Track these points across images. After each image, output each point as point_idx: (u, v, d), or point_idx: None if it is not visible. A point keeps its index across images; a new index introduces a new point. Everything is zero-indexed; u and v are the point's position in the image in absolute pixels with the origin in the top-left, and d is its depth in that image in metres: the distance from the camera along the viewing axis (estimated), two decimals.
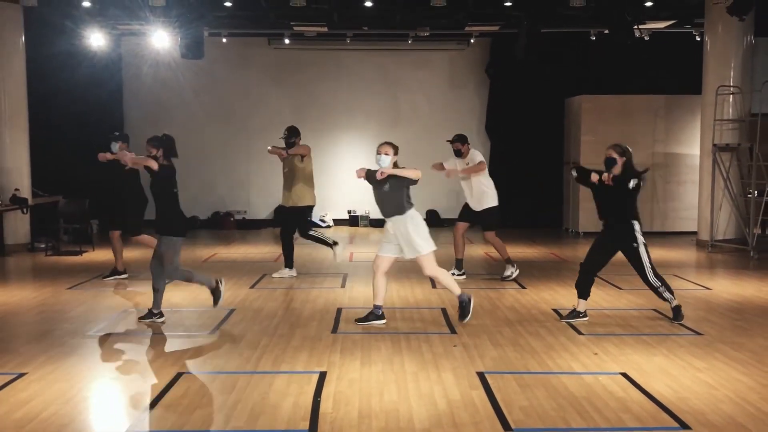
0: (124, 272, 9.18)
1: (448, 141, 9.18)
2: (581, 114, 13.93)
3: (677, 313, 6.81)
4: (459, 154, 9.08)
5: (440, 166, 9.13)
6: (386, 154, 6.62)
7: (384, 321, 6.85)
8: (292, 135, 9.06)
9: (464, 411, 4.58)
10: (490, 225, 9.19)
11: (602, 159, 6.75)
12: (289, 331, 6.60)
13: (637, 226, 6.64)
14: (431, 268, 6.71)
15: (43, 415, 4.51)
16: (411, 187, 6.66)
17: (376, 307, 6.85)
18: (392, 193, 6.58)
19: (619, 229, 6.71)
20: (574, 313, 6.93)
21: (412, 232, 6.58)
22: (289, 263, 9.31)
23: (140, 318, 6.94)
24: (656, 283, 6.70)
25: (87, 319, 7.14)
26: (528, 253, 11.70)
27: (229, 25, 13.70)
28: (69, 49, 12.70)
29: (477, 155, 9.05)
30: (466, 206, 9.26)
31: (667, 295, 6.77)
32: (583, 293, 6.92)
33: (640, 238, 6.64)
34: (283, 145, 9.15)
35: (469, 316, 6.78)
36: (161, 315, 6.93)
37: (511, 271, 9.17)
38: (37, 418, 4.44)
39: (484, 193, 9.04)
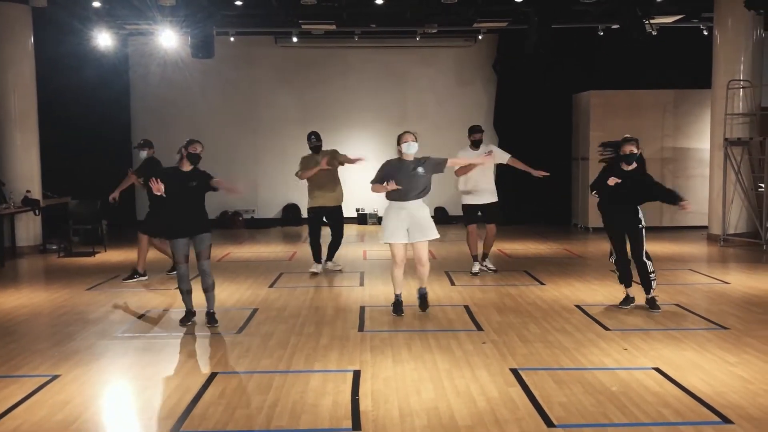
0: (144, 274, 9.17)
1: (472, 133, 9.11)
2: (590, 109, 13.93)
3: (653, 303, 7.21)
4: (478, 144, 9.16)
5: (465, 169, 8.83)
6: (414, 141, 6.92)
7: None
8: (320, 139, 9.49)
9: (504, 408, 4.59)
10: (498, 218, 9.44)
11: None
12: (315, 329, 6.60)
13: (640, 212, 7.17)
14: (426, 255, 7.06)
15: (85, 416, 4.50)
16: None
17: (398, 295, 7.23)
18: (425, 177, 6.94)
19: (627, 214, 7.14)
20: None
21: (428, 217, 7.01)
22: (321, 258, 9.70)
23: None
24: (650, 265, 7.13)
25: (112, 320, 7.13)
26: (540, 250, 11.72)
27: (238, 24, 13.65)
28: (77, 50, 12.64)
29: (494, 147, 9.47)
30: (471, 206, 9.22)
31: (654, 284, 7.21)
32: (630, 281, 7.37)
33: (643, 221, 7.18)
34: (310, 151, 9.47)
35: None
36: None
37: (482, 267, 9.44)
38: (79, 419, 4.44)
39: (494, 189, 9.34)
